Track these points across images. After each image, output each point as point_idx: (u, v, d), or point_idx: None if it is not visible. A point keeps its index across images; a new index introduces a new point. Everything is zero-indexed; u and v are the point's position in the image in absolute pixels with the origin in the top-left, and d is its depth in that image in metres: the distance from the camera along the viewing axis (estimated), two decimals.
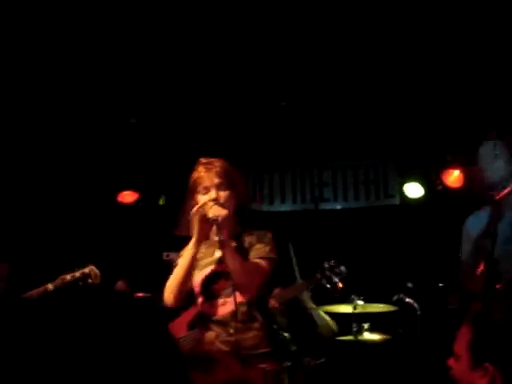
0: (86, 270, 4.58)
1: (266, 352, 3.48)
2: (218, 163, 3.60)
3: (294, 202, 7.43)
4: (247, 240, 3.57)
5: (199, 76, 6.02)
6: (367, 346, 5.58)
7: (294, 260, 5.92)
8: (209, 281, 3.53)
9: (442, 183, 6.80)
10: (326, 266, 5.39)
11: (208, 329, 3.49)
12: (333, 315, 5.91)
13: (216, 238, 3.52)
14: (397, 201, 7.20)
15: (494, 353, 3.07)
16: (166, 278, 3.61)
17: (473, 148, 6.39)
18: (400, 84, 6.22)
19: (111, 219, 7.06)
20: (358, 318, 5.64)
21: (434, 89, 6.20)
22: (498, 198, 3.58)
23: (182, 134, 6.85)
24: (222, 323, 3.45)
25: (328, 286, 5.37)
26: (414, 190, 6.98)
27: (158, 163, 7.03)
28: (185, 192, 3.62)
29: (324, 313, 5.85)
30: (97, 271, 4.59)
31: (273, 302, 5.04)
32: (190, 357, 2.14)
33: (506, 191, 3.64)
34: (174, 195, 6.78)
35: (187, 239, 3.56)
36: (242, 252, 3.52)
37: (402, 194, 7.10)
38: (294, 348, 5.26)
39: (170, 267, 3.67)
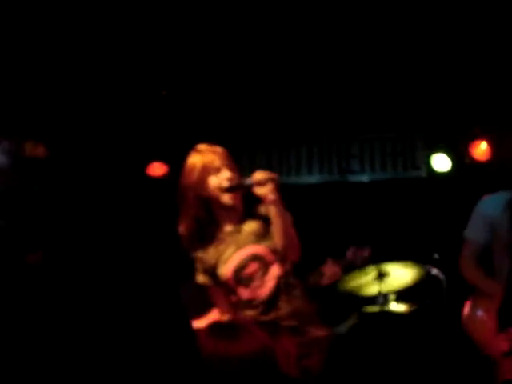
0: None
1: (315, 317, 3.58)
2: (219, 147, 3.63)
3: (321, 173, 7.45)
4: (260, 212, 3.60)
5: (229, 48, 6.03)
6: (393, 316, 5.63)
7: None
8: (238, 270, 3.56)
9: (469, 156, 6.79)
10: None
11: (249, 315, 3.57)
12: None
13: (228, 228, 3.59)
14: (424, 173, 7.19)
15: None
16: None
17: (502, 120, 6.38)
18: (427, 56, 6.19)
19: (141, 192, 7.08)
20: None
21: (463, 59, 6.16)
22: None
23: (211, 107, 6.87)
24: (268, 303, 3.51)
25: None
26: (441, 162, 6.96)
27: (188, 135, 7.06)
28: None
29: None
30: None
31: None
32: (215, 325, 2.18)
33: None
34: None
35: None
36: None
37: (429, 166, 7.10)
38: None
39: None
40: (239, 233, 3.58)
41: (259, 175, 3.41)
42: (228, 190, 3.52)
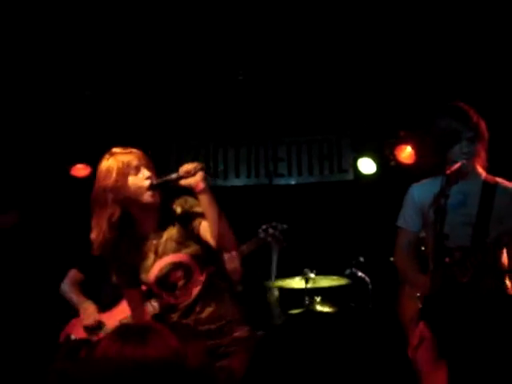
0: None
1: (237, 318, 3.56)
2: (133, 148, 3.53)
3: (249, 176, 7.42)
4: (178, 204, 3.53)
5: (153, 48, 5.96)
6: (319, 316, 5.64)
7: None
8: (162, 278, 3.52)
9: (394, 159, 6.85)
10: (265, 226, 5.46)
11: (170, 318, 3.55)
12: (285, 288, 5.95)
13: (148, 234, 3.53)
14: (350, 176, 7.24)
15: (430, 316, 3.25)
16: None
17: (425, 124, 6.47)
18: (353, 59, 6.23)
19: (64, 193, 6.97)
20: (310, 292, 5.70)
21: (387, 64, 6.23)
22: (449, 172, 3.60)
23: (135, 108, 6.79)
24: (189, 306, 3.50)
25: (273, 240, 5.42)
26: (367, 165, 7.02)
27: (112, 137, 6.96)
28: None
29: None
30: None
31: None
32: (122, 327, 2.08)
33: (457, 166, 3.66)
34: None
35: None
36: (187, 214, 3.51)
37: (355, 169, 7.14)
38: None
39: None
40: (160, 239, 3.51)
41: (187, 166, 3.32)
42: (153, 187, 3.43)
